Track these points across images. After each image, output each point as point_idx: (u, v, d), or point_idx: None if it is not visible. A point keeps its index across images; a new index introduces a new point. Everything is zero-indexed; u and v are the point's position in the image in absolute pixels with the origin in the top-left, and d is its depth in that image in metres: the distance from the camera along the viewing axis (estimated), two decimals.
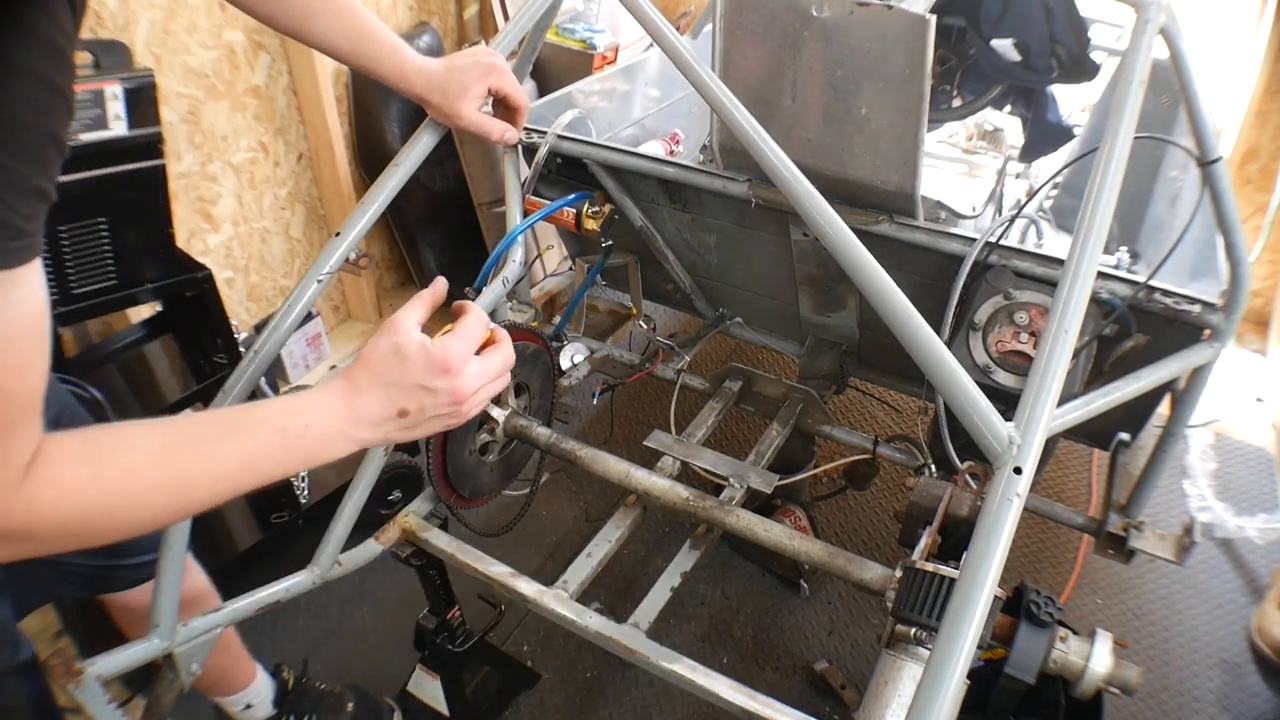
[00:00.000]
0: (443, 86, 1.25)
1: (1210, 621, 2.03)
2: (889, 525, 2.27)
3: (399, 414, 0.81)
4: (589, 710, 1.83)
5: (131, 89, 1.39)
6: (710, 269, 2.03)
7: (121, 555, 1.26)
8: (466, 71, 1.25)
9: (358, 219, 1.29)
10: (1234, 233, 1.38)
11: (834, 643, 1.97)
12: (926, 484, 1.30)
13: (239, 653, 1.53)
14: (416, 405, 0.82)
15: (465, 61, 1.26)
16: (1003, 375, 1.44)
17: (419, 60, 1.24)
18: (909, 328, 1.03)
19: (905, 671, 1.06)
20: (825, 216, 1.11)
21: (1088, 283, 1.07)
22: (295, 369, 2.59)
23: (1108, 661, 1.05)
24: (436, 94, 1.25)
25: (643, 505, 1.54)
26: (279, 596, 1.30)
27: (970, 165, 2.47)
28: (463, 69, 1.25)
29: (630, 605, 1.40)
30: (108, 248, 1.50)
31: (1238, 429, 2.56)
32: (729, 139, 1.62)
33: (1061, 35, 1.79)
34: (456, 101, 1.25)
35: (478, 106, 1.28)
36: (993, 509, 0.92)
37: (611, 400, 2.42)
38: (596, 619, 1.31)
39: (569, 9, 2.99)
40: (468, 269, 2.00)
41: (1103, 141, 1.16)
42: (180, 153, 2.16)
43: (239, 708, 1.55)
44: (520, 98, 1.32)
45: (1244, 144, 2.76)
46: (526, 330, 1.63)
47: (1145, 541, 1.64)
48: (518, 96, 1.32)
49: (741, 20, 1.49)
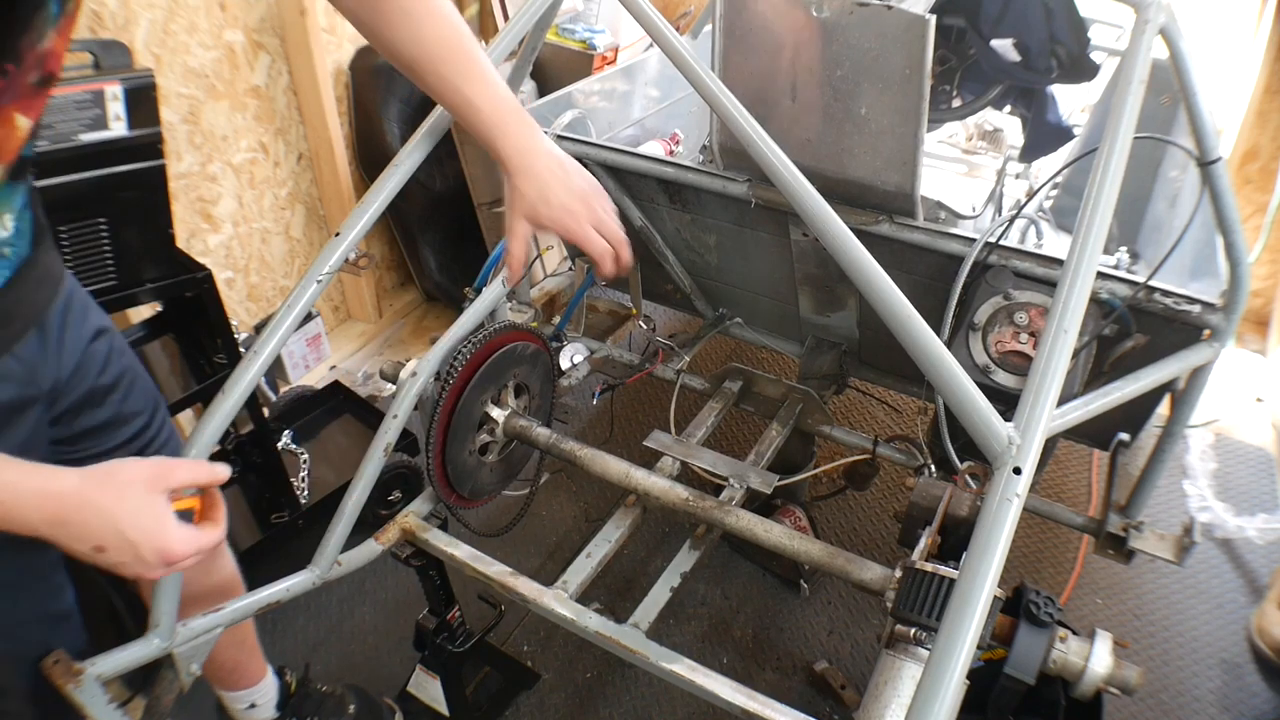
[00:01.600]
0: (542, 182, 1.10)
1: (1210, 621, 2.03)
2: (889, 525, 2.27)
3: (95, 548, 0.82)
4: (589, 710, 1.83)
5: (131, 89, 1.39)
6: (710, 269, 2.03)
7: None
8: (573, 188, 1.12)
9: (357, 219, 1.29)
10: (1234, 233, 1.38)
11: (834, 643, 1.97)
12: (926, 484, 1.30)
13: (254, 649, 1.53)
14: (115, 553, 0.83)
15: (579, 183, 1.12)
16: (1002, 375, 1.44)
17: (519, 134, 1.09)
18: (909, 328, 1.04)
19: (905, 671, 1.06)
20: (825, 216, 1.11)
21: (1087, 283, 1.07)
22: (295, 369, 2.60)
23: (1108, 661, 1.05)
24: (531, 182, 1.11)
25: (643, 505, 1.54)
26: (279, 596, 1.30)
27: (970, 165, 2.47)
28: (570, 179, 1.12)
29: (630, 605, 1.40)
30: (108, 248, 1.50)
31: (1238, 429, 2.56)
32: (729, 139, 1.62)
33: (1061, 35, 1.79)
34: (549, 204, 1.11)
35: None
36: (992, 509, 0.92)
37: (611, 400, 2.43)
38: (596, 619, 1.31)
39: (569, 9, 2.99)
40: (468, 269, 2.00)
41: (1103, 141, 1.16)
42: (180, 153, 2.17)
43: (243, 705, 1.55)
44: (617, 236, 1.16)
45: (1244, 144, 2.76)
46: (526, 330, 1.63)
47: (1145, 542, 1.64)
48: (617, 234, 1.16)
49: (741, 20, 1.49)
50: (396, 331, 3.01)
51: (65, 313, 1.02)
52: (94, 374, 1.07)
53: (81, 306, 1.06)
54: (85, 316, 1.06)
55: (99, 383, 1.08)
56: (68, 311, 1.02)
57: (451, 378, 1.46)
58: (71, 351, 1.03)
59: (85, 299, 1.08)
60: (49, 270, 0.98)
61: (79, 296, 1.06)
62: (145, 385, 1.18)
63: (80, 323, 1.04)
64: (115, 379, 1.10)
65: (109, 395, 1.10)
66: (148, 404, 1.17)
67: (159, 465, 0.86)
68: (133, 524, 0.82)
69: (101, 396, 1.09)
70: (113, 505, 0.82)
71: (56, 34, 0.83)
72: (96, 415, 1.08)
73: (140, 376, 1.17)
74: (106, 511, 0.81)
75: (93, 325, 1.07)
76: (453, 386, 1.46)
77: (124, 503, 0.82)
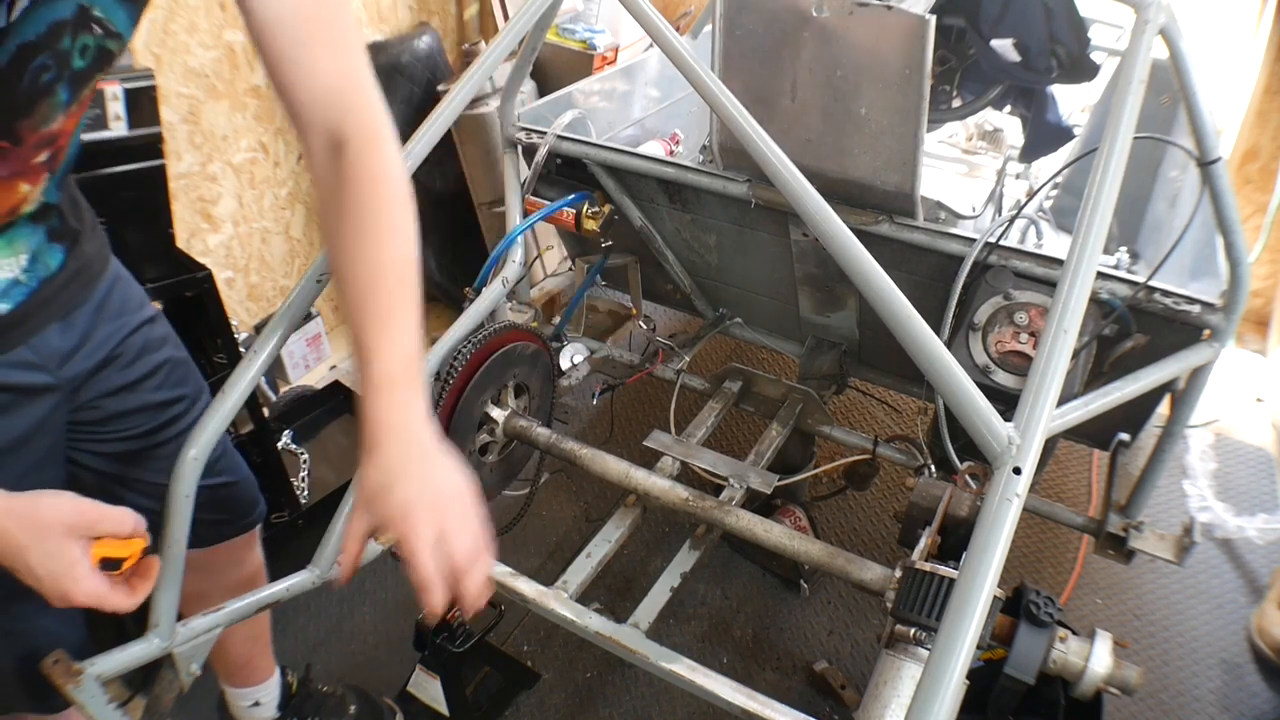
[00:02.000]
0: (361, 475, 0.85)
1: (1210, 621, 2.03)
2: (889, 525, 2.27)
3: (10, 568, 0.83)
4: (589, 710, 1.83)
5: (131, 89, 1.39)
6: (710, 269, 2.03)
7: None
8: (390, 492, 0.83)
9: None
10: (1234, 233, 1.38)
11: (834, 643, 1.97)
12: (926, 484, 1.30)
13: (267, 646, 1.54)
14: (21, 577, 0.83)
15: (407, 489, 0.83)
16: (1002, 375, 1.44)
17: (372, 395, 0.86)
18: (909, 328, 1.04)
19: (905, 671, 1.06)
20: (825, 216, 1.11)
21: (1087, 283, 1.07)
22: (295, 369, 2.60)
23: (1107, 661, 1.05)
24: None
25: (643, 505, 1.54)
26: (279, 596, 1.30)
27: (970, 165, 2.47)
28: (391, 487, 0.83)
29: (630, 605, 1.40)
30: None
31: (1238, 429, 2.56)
32: (729, 139, 1.62)
33: (1061, 35, 1.79)
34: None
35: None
36: (992, 509, 0.92)
37: (611, 400, 2.42)
38: (596, 619, 1.31)
39: (569, 9, 2.99)
40: (468, 269, 2.00)
41: (1103, 141, 1.16)
42: (180, 153, 2.17)
43: (247, 703, 1.56)
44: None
45: (1244, 144, 2.76)
46: (526, 330, 1.63)
47: (1145, 542, 1.64)
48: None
49: (741, 20, 1.49)
50: None
51: (100, 308, 1.05)
52: (126, 365, 1.09)
53: (121, 301, 1.09)
54: (124, 311, 1.09)
55: (131, 373, 1.10)
56: (102, 307, 1.05)
57: (451, 378, 1.46)
58: (101, 344, 1.05)
59: (129, 295, 1.11)
60: (79, 275, 1.01)
61: (120, 293, 1.09)
62: (184, 375, 1.20)
63: (116, 317, 1.07)
64: (151, 369, 1.13)
65: (141, 384, 1.12)
66: (187, 392, 1.20)
67: (87, 513, 0.85)
68: (40, 563, 0.82)
69: (134, 385, 1.11)
70: (27, 542, 0.82)
71: (66, 117, 0.86)
72: (127, 401, 1.11)
73: (182, 365, 1.19)
74: (19, 547, 0.81)
75: (134, 319, 1.10)
76: (453, 386, 1.46)
77: (38, 543, 0.82)
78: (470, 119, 2.54)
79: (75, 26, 0.79)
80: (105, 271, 1.07)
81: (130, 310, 1.10)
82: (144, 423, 1.14)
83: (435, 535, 0.81)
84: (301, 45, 0.90)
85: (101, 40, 0.82)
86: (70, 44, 0.80)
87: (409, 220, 0.93)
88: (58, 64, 0.80)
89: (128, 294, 1.11)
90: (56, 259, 0.97)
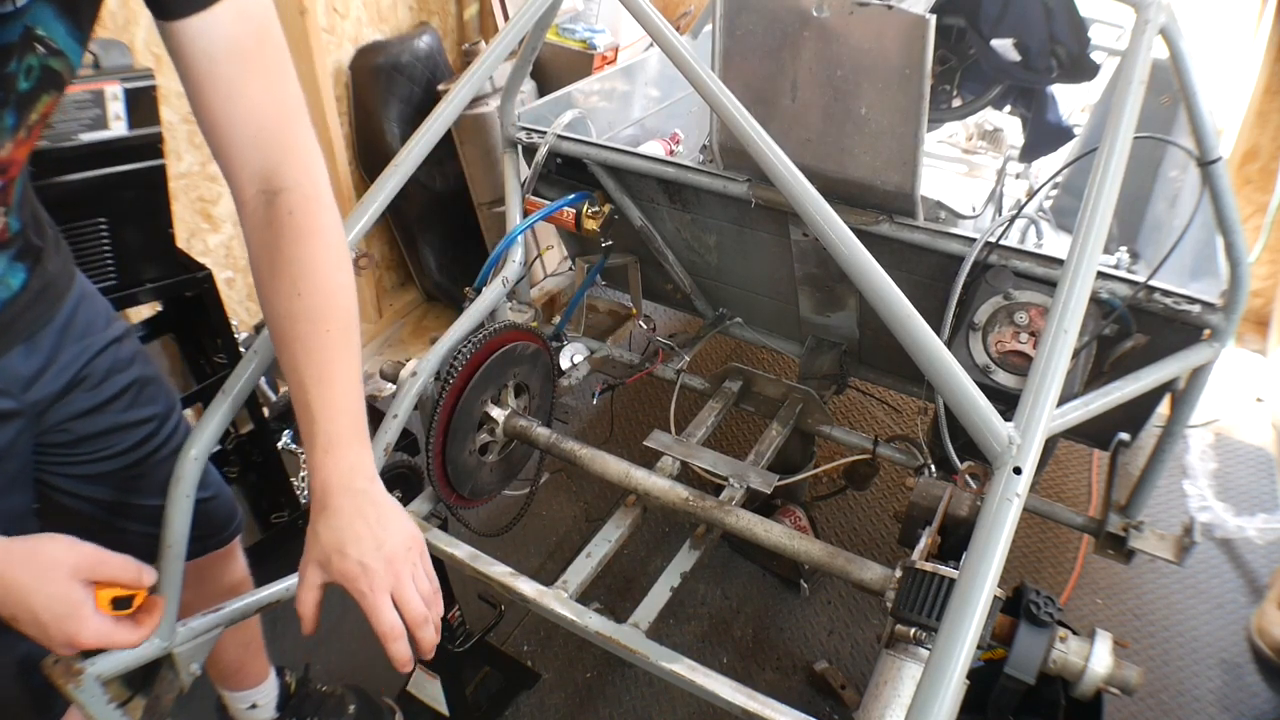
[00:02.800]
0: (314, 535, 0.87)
1: (1210, 621, 2.03)
2: (889, 525, 2.27)
3: (7, 616, 0.82)
4: (589, 710, 1.83)
5: (132, 89, 1.39)
6: (710, 269, 2.03)
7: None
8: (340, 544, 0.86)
9: (358, 219, 1.30)
10: (1234, 233, 1.38)
11: (834, 643, 1.97)
12: (926, 484, 1.30)
13: (259, 650, 1.54)
14: (24, 626, 0.82)
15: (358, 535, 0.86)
16: (1003, 375, 1.44)
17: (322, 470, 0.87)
18: (909, 328, 1.04)
19: (905, 671, 1.06)
20: (825, 216, 1.11)
21: (1087, 283, 1.07)
22: None
23: (1108, 661, 1.05)
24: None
25: (643, 505, 1.54)
26: (279, 596, 1.30)
27: (970, 165, 2.47)
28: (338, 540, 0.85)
29: (630, 605, 1.40)
30: (108, 248, 1.50)
31: (1238, 429, 2.56)
32: (729, 139, 1.62)
33: (1061, 35, 1.79)
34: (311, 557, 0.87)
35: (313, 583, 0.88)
36: (992, 509, 0.92)
37: (611, 400, 2.42)
38: (596, 619, 1.31)
39: (569, 9, 2.99)
40: (468, 269, 2.00)
41: (1103, 141, 1.16)
42: (180, 153, 2.16)
43: (245, 705, 1.56)
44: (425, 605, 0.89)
45: (1244, 144, 2.76)
46: (526, 330, 1.63)
47: (1145, 541, 1.64)
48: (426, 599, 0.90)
49: (741, 20, 1.49)
50: (396, 331, 3.01)
51: (65, 329, 1.01)
52: (94, 386, 1.06)
53: (87, 320, 1.05)
54: (89, 331, 1.05)
55: (99, 395, 1.07)
56: (68, 327, 1.01)
57: (451, 378, 1.46)
58: (67, 366, 1.02)
59: (95, 312, 1.07)
60: (43, 294, 0.97)
61: (86, 312, 1.05)
62: (155, 392, 1.16)
63: (82, 337, 1.04)
64: (119, 390, 1.09)
65: (110, 405, 1.09)
66: (157, 411, 1.16)
67: (89, 556, 0.84)
68: (46, 607, 0.81)
69: (103, 407, 1.08)
70: (30, 584, 0.81)
71: (14, 145, 0.82)
72: (96, 423, 1.08)
73: (151, 383, 1.15)
74: (23, 589, 0.80)
75: (100, 339, 1.06)
76: (453, 386, 1.46)
77: (43, 586, 0.81)
78: (470, 119, 2.54)
79: (21, 48, 0.77)
80: (70, 289, 1.02)
81: (97, 329, 1.06)
82: (116, 443, 1.11)
83: (394, 589, 0.85)
84: (235, 81, 0.85)
85: (45, 59, 0.79)
86: (16, 66, 0.77)
87: (349, 277, 0.93)
88: (3, 88, 0.77)
89: (93, 312, 1.07)
90: (19, 279, 0.93)
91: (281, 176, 0.90)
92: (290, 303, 0.89)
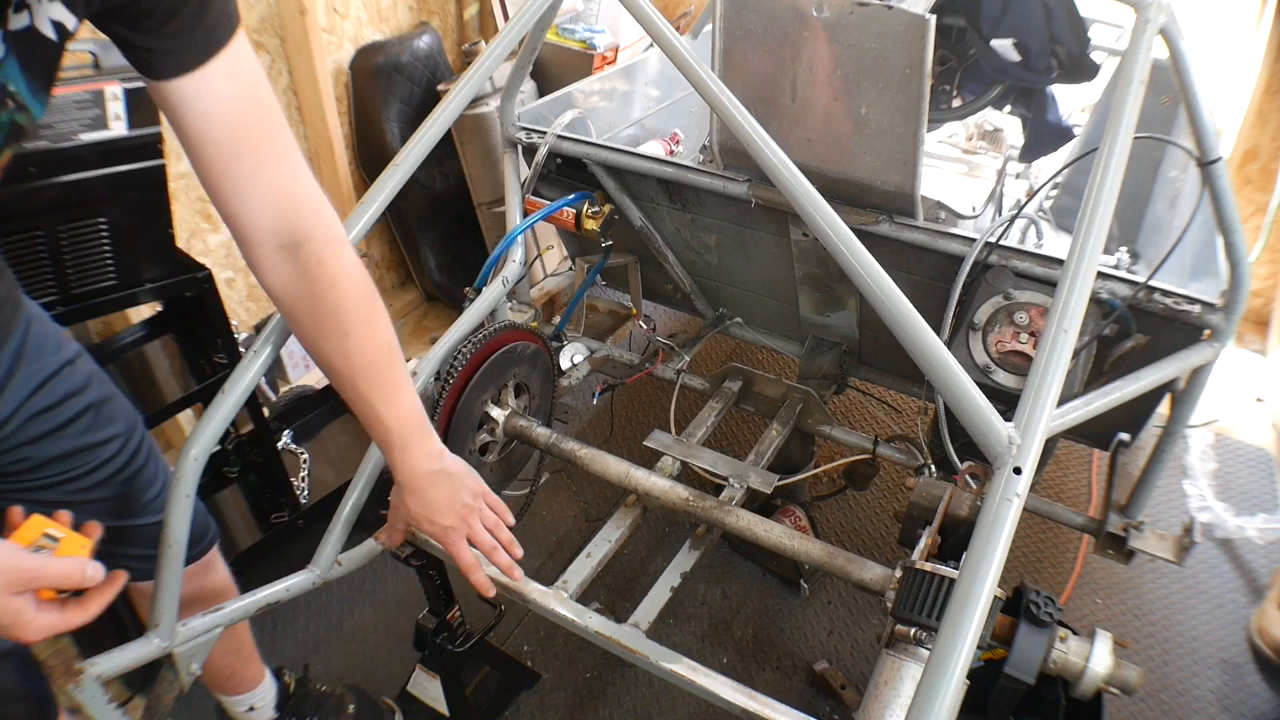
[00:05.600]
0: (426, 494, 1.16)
1: (1210, 621, 2.03)
2: (889, 525, 2.27)
3: None
4: (589, 710, 1.83)
5: (132, 89, 1.39)
6: (710, 269, 2.03)
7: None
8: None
9: (357, 219, 1.30)
10: (1234, 233, 1.38)
11: (834, 643, 1.97)
12: (926, 484, 1.30)
13: (250, 654, 1.53)
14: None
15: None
16: (1003, 375, 1.44)
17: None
18: (909, 328, 1.04)
19: (905, 671, 1.07)
20: (825, 216, 1.11)
21: (1088, 283, 1.07)
22: (295, 369, 2.59)
23: (1108, 661, 1.05)
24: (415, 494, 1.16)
25: (643, 505, 1.54)
26: (279, 596, 1.30)
27: (970, 165, 2.47)
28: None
29: (630, 605, 1.40)
30: (108, 248, 1.50)
31: (1238, 429, 2.56)
32: (729, 139, 1.62)
33: (1061, 35, 1.79)
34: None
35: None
36: (992, 509, 0.92)
37: (611, 400, 2.43)
38: (596, 619, 1.31)
39: (569, 9, 2.99)
40: (468, 269, 2.00)
41: (1103, 141, 1.16)
42: (180, 153, 2.15)
43: (242, 708, 1.55)
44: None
45: (1244, 144, 2.76)
46: (526, 330, 1.63)
47: (1145, 541, 1.64)
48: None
49: (741, 20, 1.49)
50: (396, 331, 3.00)
51: (16, 355, 0.99)
52: (47, 410, 1.04)
53: (37, 345, 1.03)
54: (40, 354, 1.03)
55: (55, 419, 1.05)
56: (19, 353, 1.00)
57: (451, 377, 1.46)
58: (15, 396, 1.00)
59: (45, 338, 1.05)
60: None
61: (36, 336, 1.03)
62: (115, 412, 1.14)
63: (33, 361, 1.02)
64: (77, 413, 1.07)
65: (67, 428, 1.07)
66: (120, 430, 1.14)
67: (24, 569, 0.83)
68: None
69: (60, 431, 1.06)
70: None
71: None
72: (56, 447, 1.06)
73: (109, 403, 1.13)
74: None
75: (51, 363, 1.04)
76: (453, 386, 1.46)
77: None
78: (470, 119, 2.54)
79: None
80: (18, 314, 1.00)
81: (48, 353, 1.04)
82: (80, 464, 1.09)
83: (470, 533, 1.16)
84: (241, 158, 0.89)
85: (13, 114, 0.78)
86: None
87: (379, 301, 1.07)
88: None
89: (44, 336, 1.04)
90: None
91: (300, 229, 0.96)
92: (342, 343, 1.04)
